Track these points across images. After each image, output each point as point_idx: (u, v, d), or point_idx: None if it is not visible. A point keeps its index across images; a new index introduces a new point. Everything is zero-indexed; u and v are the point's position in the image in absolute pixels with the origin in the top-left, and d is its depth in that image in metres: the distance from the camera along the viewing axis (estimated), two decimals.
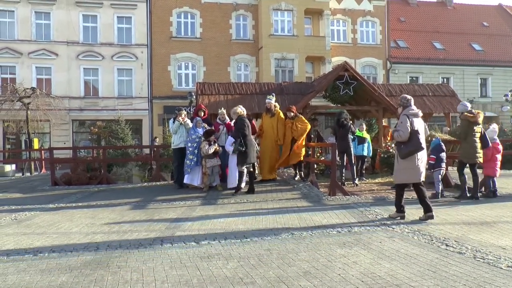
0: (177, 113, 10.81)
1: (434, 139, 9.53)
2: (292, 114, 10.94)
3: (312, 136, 11.78)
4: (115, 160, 14.56)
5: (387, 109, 13.36)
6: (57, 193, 11.13)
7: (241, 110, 9.95)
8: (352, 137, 11.15)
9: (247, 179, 9.81)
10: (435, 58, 33.99)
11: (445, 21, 37.19)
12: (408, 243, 5.28)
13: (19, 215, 7.88)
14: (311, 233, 5.88)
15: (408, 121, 6.49)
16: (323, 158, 12.11)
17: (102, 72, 28.54)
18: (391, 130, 14.66)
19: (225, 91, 13.65)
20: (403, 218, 6.72)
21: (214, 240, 5.62)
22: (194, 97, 20.03)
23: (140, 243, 5.54)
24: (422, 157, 6.60)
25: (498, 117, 33.82)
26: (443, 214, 7.12)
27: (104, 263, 4.73)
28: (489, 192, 8.84)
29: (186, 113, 11.26)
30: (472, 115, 8.55)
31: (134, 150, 15.68)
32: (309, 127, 11.02)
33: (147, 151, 17.04)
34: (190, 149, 10.27)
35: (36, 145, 23.17)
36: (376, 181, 11.50)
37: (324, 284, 3.91)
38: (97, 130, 23.35)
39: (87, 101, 28.34)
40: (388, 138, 13.49)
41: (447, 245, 5.15)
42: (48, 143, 26.46)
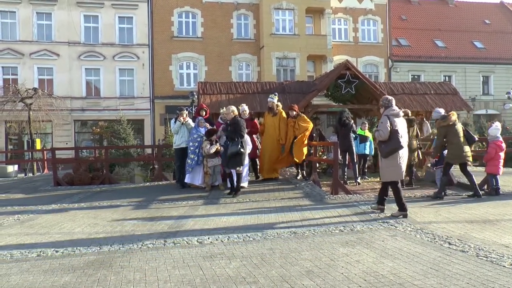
0: (178, 113, 10.80)
1: (436, 137, 9.53)
2: (295, 113, 10.93)
3: (314, 135, 11.78)
4: (117, 160, 14.57)
5: None
6: (59, 193, 11.15)
7: (235, 109, 9.83)
8: (354, 135, 11.14)
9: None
10: (436, 56, 33.94)
11: (447, 19, 37.11)
12: (410, 242, 5.27)
13: (22, 216, 7.89)
14: (313, 232, 5.88)
15: (388, 121, 6.82)
16: (325, 157, 12.11)
17: (103, 72, 28.59)
18: None
19: (226, 90, 13.65)
20: (405, 217, 6.77)
21: (216, 239, 5.63)
22: (196, 96, 20.04)
23: (143, 243, 5.55)
24: (403, 156, 6.91)
25: (500, 114, 33.74)
26: (445, 212, 7.12)
27: (107, 263, 4.73)
28: (492, 190, 8.83)
29: (188, 112, 11.26)
30: (443, 120, 8.71)
31: (136, 150, 15.69)
32: (311, 126, 11.01)
33: (149, 151, 17.04)
34: (191, 148, 10.26)
35: (38, 145, 23.18)
36: (378, 179, 11.36)
37: (327, 283, 3.91)
38: (99, 130, 23.38)
39: (89, 101, 28.39)
40: None
41: (450, 243, 5.14)
42: (50, 143, 26.50)
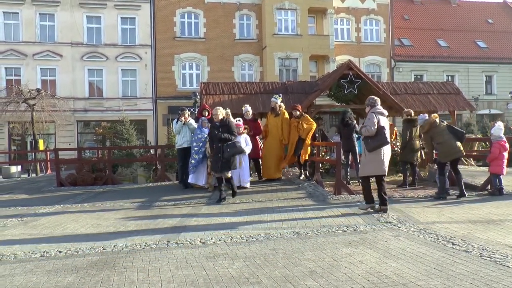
0: (180, 113, 10.83)
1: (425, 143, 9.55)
2: (298, 113, 10.91)
3: (317, 135, 11.76)
4: (120, 160, 14.59)
5: (391, 107, 13.29)
6: (62, 194, 11.18)
7: (223, 111, 9.09)
8: (357, 136, 11.12)
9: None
10: (439, 56, 33.88)
11: (449, 18, 37.04)
12: (414, 242, 5.26)
13: (25, 216, 7.91)
14: (316, 233, 5.87)
15: (375, 117, 6.98)
16: (328, 157, 12.09)
17: (106, 73, 28.63)
18: (396, 129, 14.64)
19: (229, 90, 13.66)
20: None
21: (219, 240, 5.63)
22: (199, 97, 20.05)
23: (146, 243, 5.56)
24: (387, 152, 7.10)
25: (503, 114, 33.71)
26: (448, 212, 7.10)
27: (110, 264, 4.74)
28: (496, 190, 8.80)
29: (190, 113, 11.26)
30: (421, 126, 8.89)
31: (139, 151, 15.72)
32: (314, 126, 11.00)
33: (151, 151, 17.07)
34: (195, 148, 10.25)
35: (41, 146, 23.26)
36: None
37: (330, 284, 3.91)
38: (101, 130, 23.43)
39: (92, 102, 28.44)
40: (393, 137, 13.44)
41: (453, 243, 5.13)
42: (53, 144, 26.59)
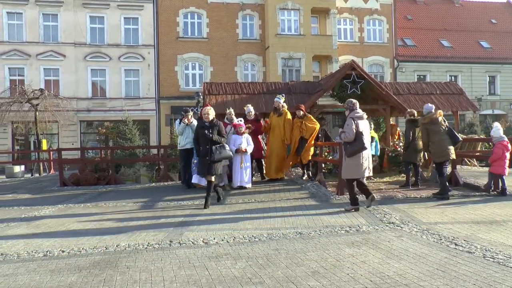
0: (183, 114, 10.83)
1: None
2: (301, 113, 10.90)
3: (320, 135, 11.75)
4: (123, 160, 14.61)
5: (394, 107, 13.30)
6: (65, 193, 11.21)
7: (213, 111, 8.43)
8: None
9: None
10: (442, 56, 33.81)
11: (453, 18, 36.95)
12: (416, 243, 5.25)
13: (29, 216, 7.94)
14: (319, 233, 5.87)
15: (354, 123, 7.14)
16: (330, 158, 12.07)
17: (109, 73, 28.70)
18: (398, 129, 14.62)
19: (232, 91, 13.66)
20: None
21: (222, 240, 5.63)
22: (202, 97, 20.07)
23: (149, 243, 5.56)
24: (366, 156, 7.27)
25: (507, 114, 33.61)
26: (451, 213, 7.08)
27: (113, 263, 4.75)
28: (498, 191, 8.77)
29: (193, 113, 11.27)
30: (423, 118, 8.91)
31: (142, 151, 15.74)
32: (318, 126, 10.99)
33: (154, 151, 17.09)
34: None
35: (44, 146, 23.31)
36: (384, 180, 11.44)
37: (332, 284, 3.90)
38: (104, 130, 23.45)
39: (95, 102, 28.52)
40: (396, 137, 13.43)
41: (456, 244, 5.12)
42: (56, 144, 26.62)
